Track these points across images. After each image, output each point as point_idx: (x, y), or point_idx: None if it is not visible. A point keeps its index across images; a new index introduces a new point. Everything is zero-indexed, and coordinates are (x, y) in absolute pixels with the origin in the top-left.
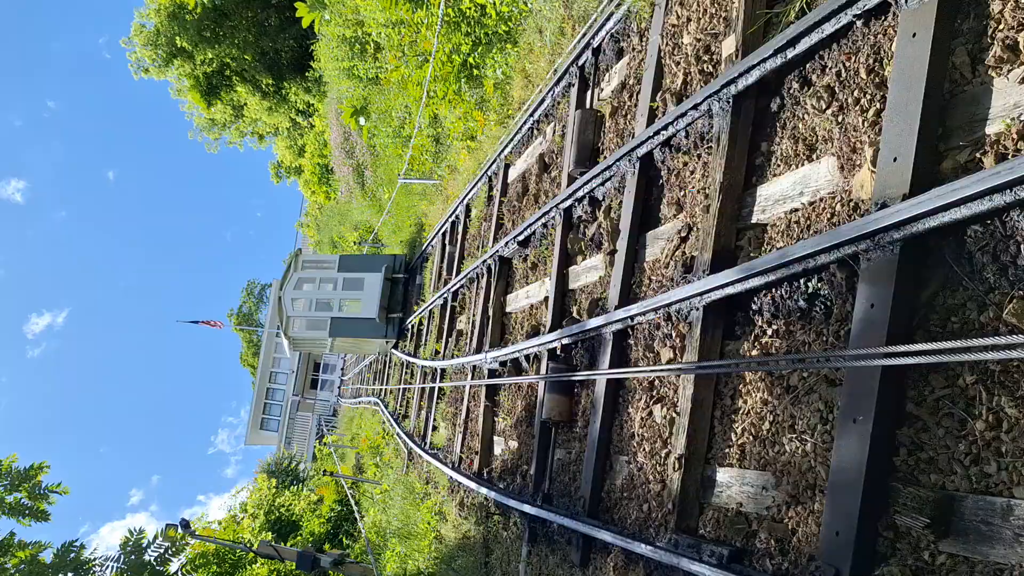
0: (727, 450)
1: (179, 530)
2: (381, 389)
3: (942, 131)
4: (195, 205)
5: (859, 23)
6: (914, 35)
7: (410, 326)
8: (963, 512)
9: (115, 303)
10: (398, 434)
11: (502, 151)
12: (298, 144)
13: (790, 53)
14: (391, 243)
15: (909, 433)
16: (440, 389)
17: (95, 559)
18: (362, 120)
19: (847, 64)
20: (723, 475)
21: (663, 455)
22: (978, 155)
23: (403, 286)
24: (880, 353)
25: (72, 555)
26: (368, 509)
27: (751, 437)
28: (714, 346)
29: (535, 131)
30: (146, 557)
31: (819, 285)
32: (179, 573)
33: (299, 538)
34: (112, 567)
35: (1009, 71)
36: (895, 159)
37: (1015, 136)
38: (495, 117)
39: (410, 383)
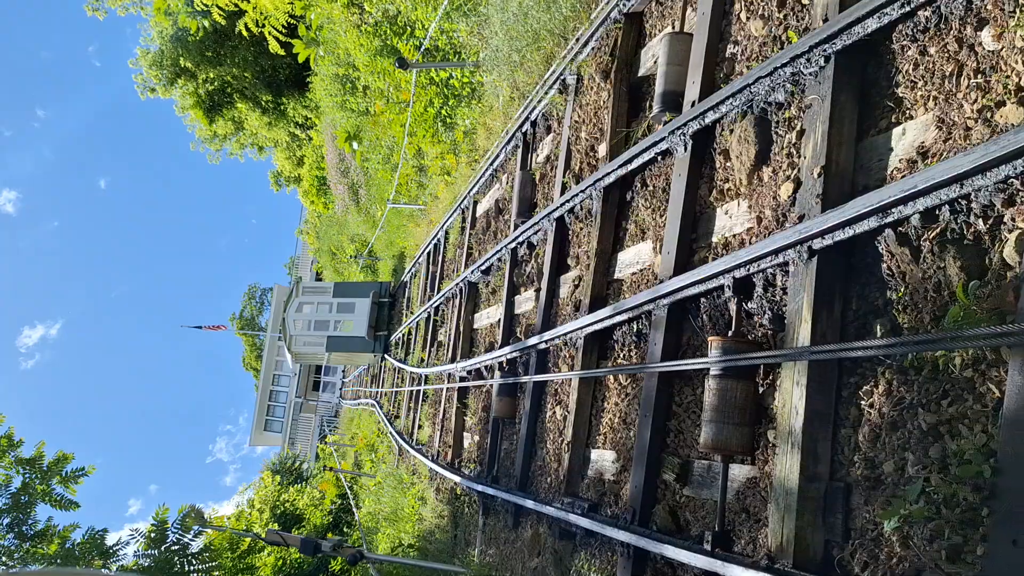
0: (597, 437)
1: (193, 509)
2: (377, 392)
3: (695, 236)
4: (188, 212)
5: (658, 158)
6: (679, 175)
7: (400, 337)
8: (692, 470)
9: (109, 313)
10: (391, 432)
11: (471, 189)
12: (297, 155)
13: (629, 167)
14: (385, 256)
15: (674, 424)
16: (424, 392)
17: (119, 544)
18: (355, 145)
19: (656, 181)
20: (594, 454)
21: (560, 442)
22: (709, 255)
23: (388, 308)
24: (638, 368)
25: (97, 542)
26: (364, 500)
27: (609, 428)
28: (592, 364)
29: (494, 178)
30: (169, 536)
31: (642, 326)
32: (197, 551)
33: (303, 529)
34: (141, 542)
35: (722, 205)
36: (668, 252)
37: (721, 246)
38: (465, 159)
39: (401, 387)
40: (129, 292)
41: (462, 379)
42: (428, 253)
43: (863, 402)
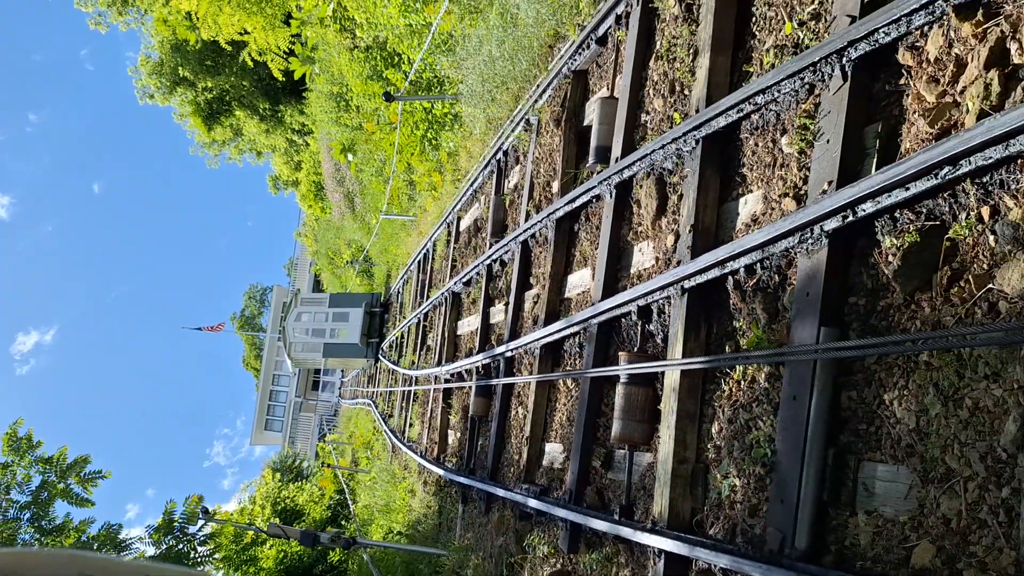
0: (550, 432)
1: (200, 508)
2: (372, 392)
3: (619, 267)
4: (186, 214)
5: (593, 200)
6: (607, 216)
7: (394, 340)
8: (613, 458)
9: (106, 317)
10: (385, 431)
11: (455, 206)
12: (295, 160)
13: (573, 205)
14: (380, 262)
15: (603, 421)
16: (414, 393)
17: (131, 539)
18: (350, 156)
19: (593, 219)
20: (548, 447)
21: (522, 437)
22: (628, 283)
23: (379, 317)
24: (574, 373)
25: (112, 536)
26: (361, 495)
27: (559, 424)
28: (547, 370)
29: (474, 197)
30: (176, 527)
31: (582, 339)
32: (202, 539)
33: (303, 523)
34: (151, 532)
35: (637, 244)
36: (598, 279)
37: (636, 277)
38: (450, 178)
39: (394, 387)
40: (126, 295)
41: (446, 381)
42: (418, 262)
43: (716, 404)
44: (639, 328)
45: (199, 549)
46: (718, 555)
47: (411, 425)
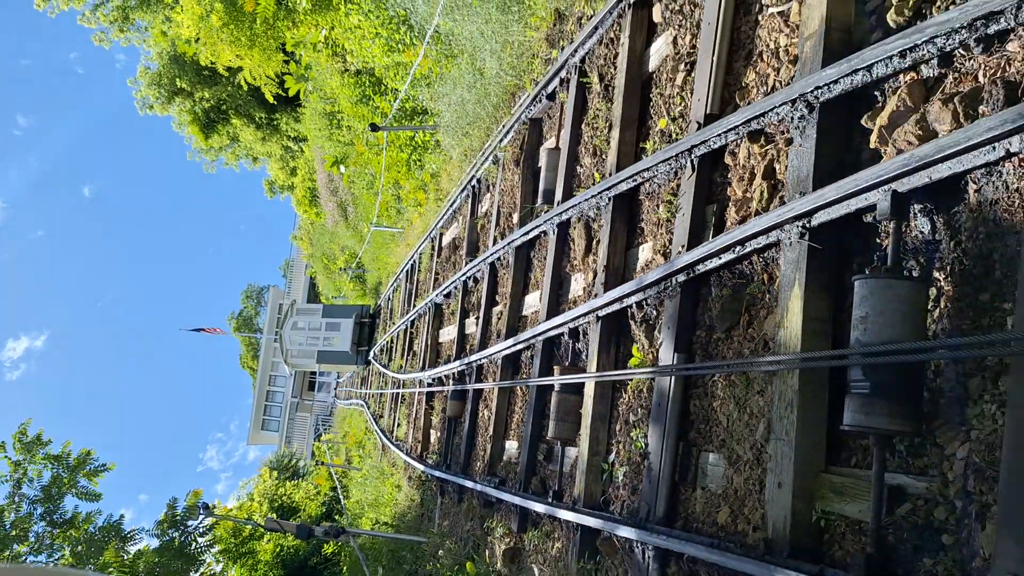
0: (510, 431)
1: (200, 504)
2: (365, 393)
3: (561, 292)
4: (178, 217)
5: (542, 234)
6: (551, 249)
7: (385, 344)
8: (553, 452)
9: (98, 322)
10: (376, 430)
11: (438, 223)
12: (290, 165)
13: (527, 237)
14: (372, 269)
15: (546, 422)
16: (402, 396)
17: (135, 529)
18: (342, 168)
19: (542, 250)
20: (508, 444)
21: (487, 435)
22: (566, 307)
23: (369, 327)
24: (525, 382)
25: (116, 528)
26: (353, 491)
27: (517, 425)
28: (508, 378)
29: (454, 216)
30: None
31: (532, 352)
32: (199, 528)
33: (299, 519)
34: (154, 526)
35: (573, 275)
36: (543, 302)
37: (572, 303)
38: (433, 196)
39: (384, 389)
40: (119, 299)
41: (429, 385)
42: (407, 271)
43: (619, 408)
44: (571, 346)
45: (199, 541)
46: (606, 523)
47: (399, 425)
